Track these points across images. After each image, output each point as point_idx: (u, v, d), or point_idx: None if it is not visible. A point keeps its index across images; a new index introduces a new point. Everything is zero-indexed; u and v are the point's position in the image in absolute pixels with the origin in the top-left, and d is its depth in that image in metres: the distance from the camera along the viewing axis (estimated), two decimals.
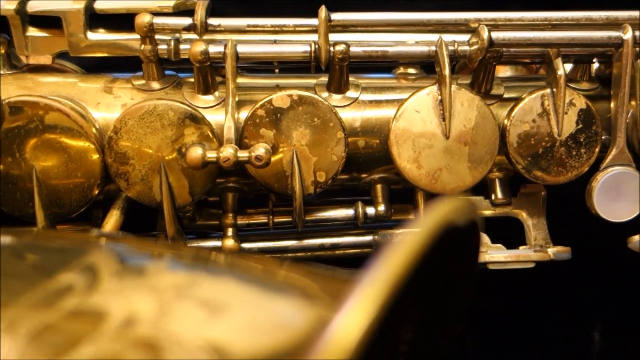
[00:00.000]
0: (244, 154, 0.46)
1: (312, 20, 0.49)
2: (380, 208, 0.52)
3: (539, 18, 0.50)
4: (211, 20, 0.49)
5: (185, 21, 0.49)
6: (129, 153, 0.47)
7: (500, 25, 0.50)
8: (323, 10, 0.49)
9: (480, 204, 0.53)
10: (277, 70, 0.53)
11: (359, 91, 0.51)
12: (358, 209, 0.52)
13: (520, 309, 0.58)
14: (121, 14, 0.50)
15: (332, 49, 0.48)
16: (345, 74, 0.50)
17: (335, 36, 0.49)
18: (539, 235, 0.52)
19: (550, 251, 0.51)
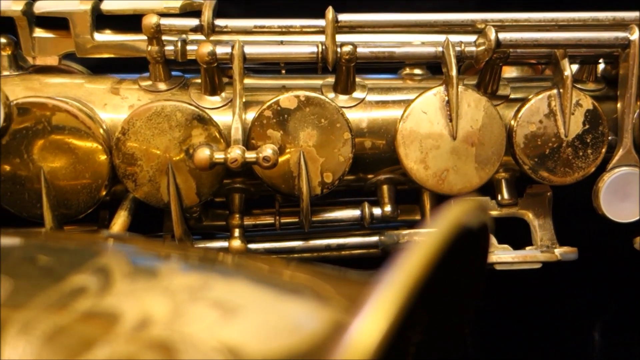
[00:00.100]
0: (251, 155, 0.46)
1: (319, 21, 0.49)
2: (387, 209, 0.52)
3: (546, 19, 0.50)
4: (218, 21, 0.49)
5: (192, 22, 0.49)
6: (136, 154, 0.47)
7: (507, 26, 0.50)
8: (330, 12, 0.49)
9: (486, 205, 0.53)
10: (284, 71, 0.54)
11: (365, 92, 0.51)
12: (364, 209, 0.52)
13: (520, 309, 0.58)
14: (128, 14, 0.50)
15: (339, 50, 0.48)
16: (352, 74, 0.50)
17: (341, 37, 0.49)
18: (545, 235, 0.52)
19: (557, 252, 0.51)
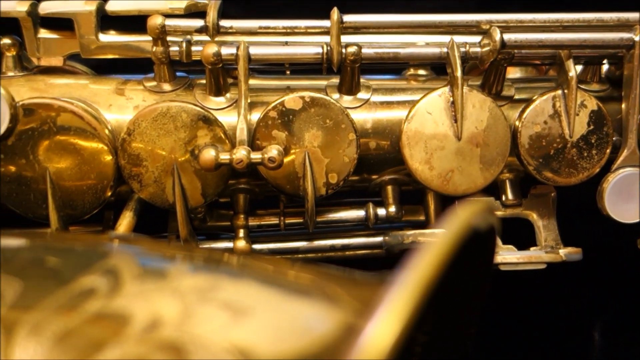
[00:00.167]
0: (257, 156, 0.46)
1: (324, 22, 0.49)
2: (391, 209, 0.52)
3: (550, 20, 0.50)
4: (223, 22, 0.49)
5: (197, 23, 0.49)
6: (142, 155, 0.47)
7: (511, 26, 0.50)
8: (335, 13, 0.49)
9: (494, 206, 0.53)
10: (288, 72, 0.54)
11: (370, 92, 0.51)
12: (369, 210, 0.52)
13: (520, 309, 0.58)
14: (132, 15, 0.50)
15: (344, 50, 0.49)
16: (356, 75, 0.50)
17: (345, 38, 0.49)
18: (550, 236, 0.52)
19: (561, 252, 0.51)
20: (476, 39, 0.50)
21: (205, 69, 0.48)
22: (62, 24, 0.51)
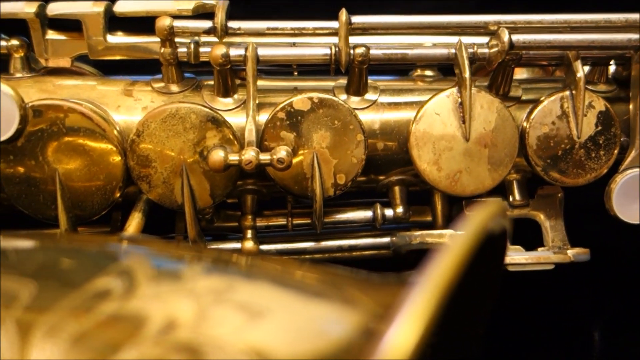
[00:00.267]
0: (265, 157, 0.46)
1: (332, 23, 0.49)
2: (399, 210, 0.52)
3: (558, 21, 0.50)
4: (231, 23, 0.50)
5: (205, 24, 0.49)
6: (151, 156, 0.47)
7: (519, 27, 0.50)
8: (344, 14, 0.49)
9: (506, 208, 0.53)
10: (296, 73, 0.54)
11: (377, 93, 0.51)
12: (376, 210, 0.52)
13: (520, 309, 0.58)
14: (140, 16, 0.50)
15: (352, 51, 0.49)
16: (364, 76, 0.50)
17: (353, 39, 0.50)
18: (557, 236, 0.52)
19: (569, 253, 0.51)
20: (484, 39, 0.50)
21: (214, 70, 0.49)
22: (70, 25, 0.51)
